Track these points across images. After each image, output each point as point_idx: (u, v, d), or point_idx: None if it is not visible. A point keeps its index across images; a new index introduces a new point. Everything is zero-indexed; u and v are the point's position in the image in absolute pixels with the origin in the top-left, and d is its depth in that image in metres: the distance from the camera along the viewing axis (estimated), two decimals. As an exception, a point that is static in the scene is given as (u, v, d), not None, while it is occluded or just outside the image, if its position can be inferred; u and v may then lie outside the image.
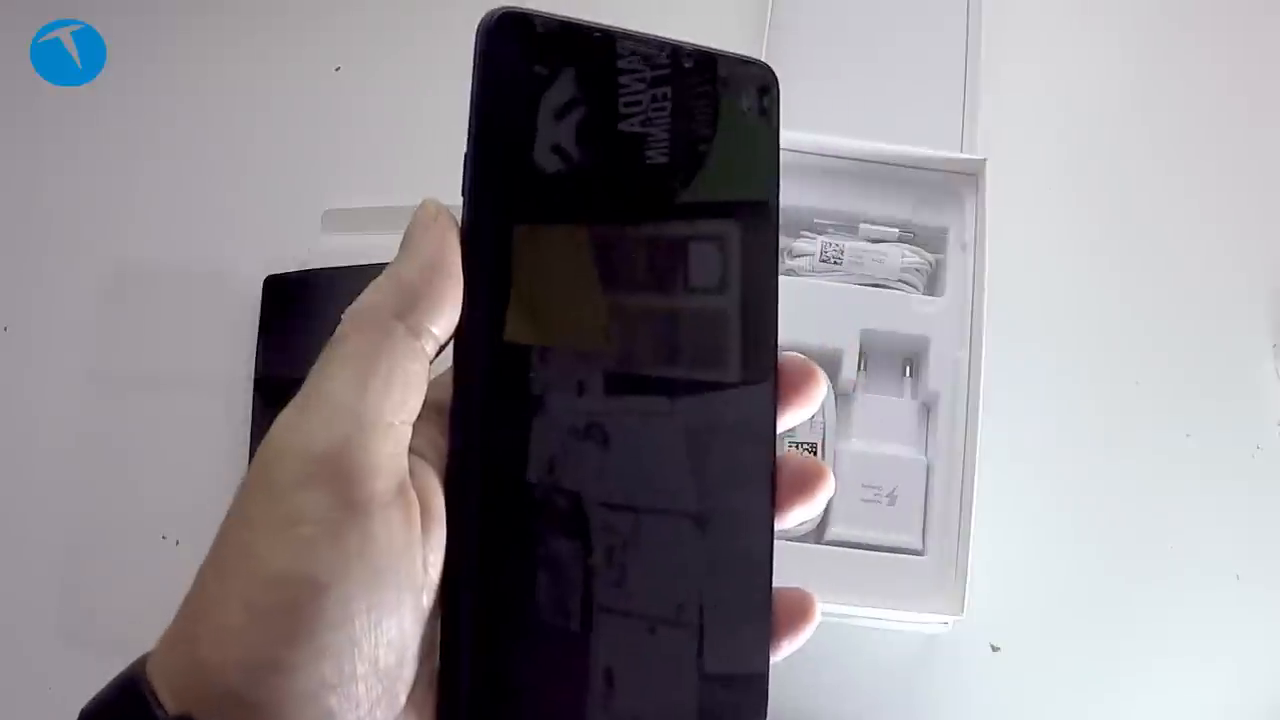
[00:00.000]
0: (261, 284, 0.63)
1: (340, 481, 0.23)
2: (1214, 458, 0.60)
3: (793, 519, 0.29)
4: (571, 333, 0.26)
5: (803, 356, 0.29)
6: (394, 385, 0.24)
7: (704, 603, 0.27)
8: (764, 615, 0.28)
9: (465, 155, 0.26)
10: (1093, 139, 0.66)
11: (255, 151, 0.68)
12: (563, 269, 0.26)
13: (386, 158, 0.67)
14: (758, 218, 0.28)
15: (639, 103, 0.27)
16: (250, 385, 0.61)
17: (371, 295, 0.25)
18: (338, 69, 0.69)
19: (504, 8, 0.26)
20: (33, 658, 0.59)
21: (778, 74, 0.29)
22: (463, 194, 0.26)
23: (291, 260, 0.63)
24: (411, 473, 0.25)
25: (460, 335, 0.25)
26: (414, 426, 0.25)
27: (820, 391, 0.29)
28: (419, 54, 0.69)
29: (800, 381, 0.29)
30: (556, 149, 0.26)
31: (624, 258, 0.27)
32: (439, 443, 0.25)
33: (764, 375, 0.28)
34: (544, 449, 0.25)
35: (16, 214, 0.68)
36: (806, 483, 0.29)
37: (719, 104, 0.28)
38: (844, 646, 0.56)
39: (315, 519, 0.23)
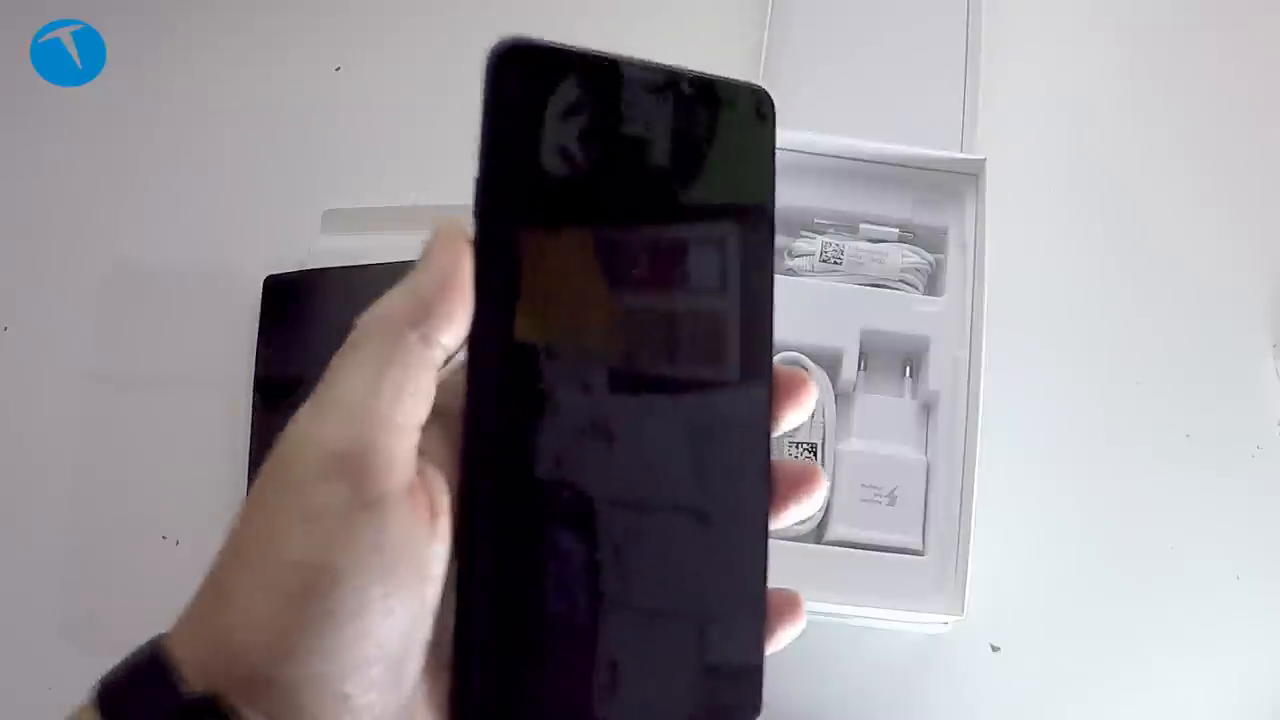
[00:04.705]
0: (261, 284, 0.63)
1: (357, 477, 0.25)
2: (1214, 458, 0.59)
3: (789, 517, 0.30)
4: (576, 340, 0.27)
5: (795, 361, 0.30)
6: (405, 390, 0.26)
7: (703, 596, 0.28)
8: (759, 608, 0.29)
9: (475, 179, 0.27)
10: (1093, 139, 0.66)
11: (255, 151, 0.68)
12: (568, 281, 0.27)
13: (386, 158, 0.67)
14: (754, 230, 0.30)
15: (640, 126, 0.28)
16: (250, 385, 0.61)
17: (386, 304, 0.26)
18: (338, 69, 0.69)
19: (511, 38, 0.27)
20: (33, 658, 0.58)
21: (772, 90, 0.30)
22: (474, 215, 0.27)
23: (291, 260, 0.63)
24: (420, 472, 0.26)
25: (472, 344, 0.27)
26: (422, 429, 0.26)
27: (811, 392, 0.31)
28: (419, 54, 0.69)
29: (791, 385, 0.30)
30: (561, 170, 0.27)
31: (626, 269, 0.28)
32: (446, 445, 0.27)
33: (760, 376, 0.30)
34: (551, 447, 0.27)
35: (16, 214, 0.68)
36: (802, 483, 0.30)
37: (716, 125, 0.29)
38: (844, 646, 0.56)
39: (333, 511, 0.24)
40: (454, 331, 0.26)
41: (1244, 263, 0.63)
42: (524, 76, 0.27)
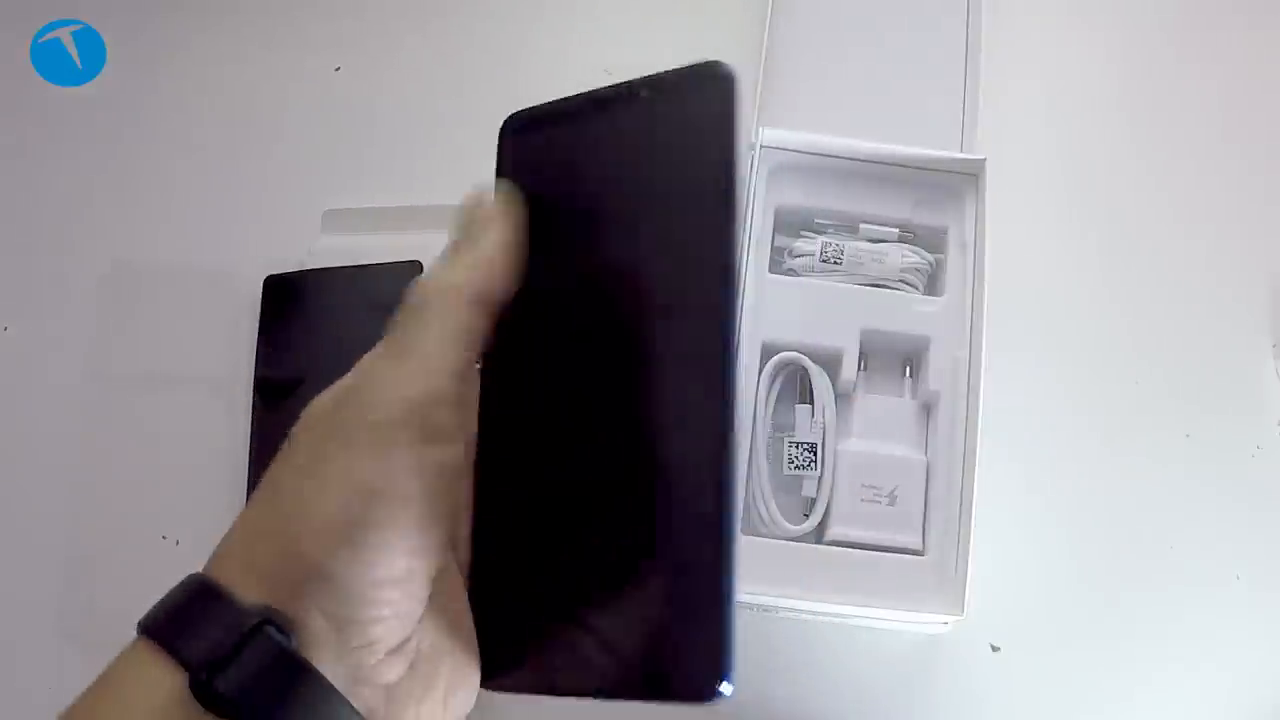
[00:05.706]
0: (261, 284, 0.63)
1: (425, 420, 0.29)
2: (1214, 458, 0.59)
3: None
4: (562, 325, 0.32)
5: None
6: (467, 351, 0.31)
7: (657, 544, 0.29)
8: (716, 572, 0.28)
9: None
10: (1092, 139, 0.66)
11: (255, 151, 0.68)
12: (561, 283, 0.32)
13: (386, 158, 0.67)
14: (713, 210, 0.30)
15: (612, 140, 0.32)
16: (250, 385, 0.61)
17: (447, 274, 0.31)
18: (338, 69, 0.69)
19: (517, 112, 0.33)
20: (33, 658, 0.59)
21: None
22: None
23: (291, 260, 0.63)
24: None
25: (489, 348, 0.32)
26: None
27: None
28: (419, 54, 0.69)
29: None
30: (558, 195, 0.32)
31: (611, 264, 0.32)
32: None
33: (712, 348, 0.30)
34: (537, 420, 0.32)
35: (16, 214, 0.68)
36: None
37: (672, 115, 0.31)
38: (844, 646, 0.56)
39: (405, 448, 0.29)
40: (502, 299, 0.31)
41: (1244, 263, 0.63)
42: (522, 137, 0.33)
